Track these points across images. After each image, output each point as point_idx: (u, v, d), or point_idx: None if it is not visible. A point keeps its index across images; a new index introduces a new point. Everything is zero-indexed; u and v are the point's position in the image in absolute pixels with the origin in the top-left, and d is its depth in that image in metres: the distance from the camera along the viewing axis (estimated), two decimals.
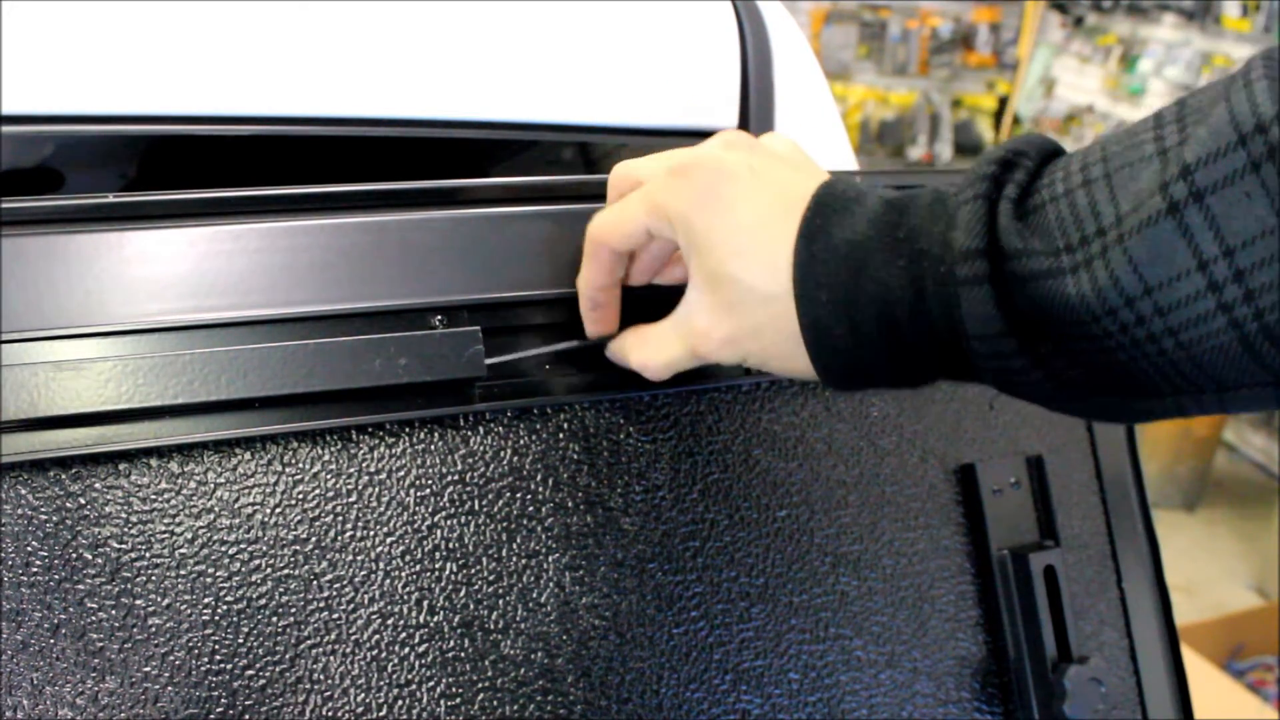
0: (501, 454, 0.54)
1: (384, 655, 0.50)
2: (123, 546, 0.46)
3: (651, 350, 0.53)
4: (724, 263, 0.48)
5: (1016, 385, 0.45)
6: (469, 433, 0.53)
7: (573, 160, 0.88)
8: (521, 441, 0.54)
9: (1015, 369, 0.44)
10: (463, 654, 0.52)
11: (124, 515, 0.46)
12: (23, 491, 0.45)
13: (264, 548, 0.48)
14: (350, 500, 0.51)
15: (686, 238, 0.49)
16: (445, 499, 0.53)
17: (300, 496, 0.50)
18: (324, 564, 0.50)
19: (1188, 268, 0.38)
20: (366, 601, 0.50)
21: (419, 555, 0.52)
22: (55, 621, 0.45)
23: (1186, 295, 0.39)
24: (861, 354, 0.46)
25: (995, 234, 0.43)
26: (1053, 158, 0.46)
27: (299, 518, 0.49)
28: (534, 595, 0.53)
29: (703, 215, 0.48)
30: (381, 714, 0.50)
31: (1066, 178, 0.43)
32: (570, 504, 0.55)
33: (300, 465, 0.50)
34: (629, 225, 0.51)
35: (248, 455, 0.49)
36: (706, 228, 0.48)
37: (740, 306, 0.48)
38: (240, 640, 0.47)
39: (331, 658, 0.49)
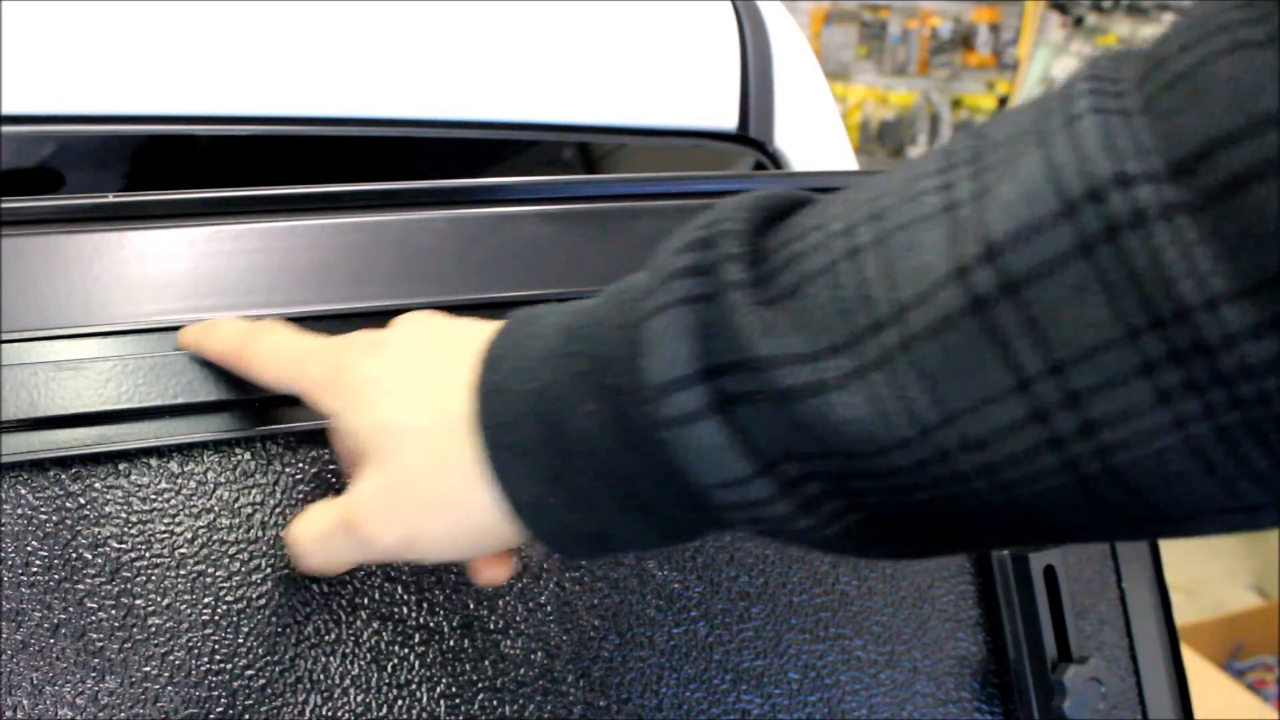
0: None
1: (384, 655, 0.50)
2: (123, 546, 0.46)
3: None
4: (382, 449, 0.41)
5: (786, 535, 0.34)
6: None
7: (572, 160, 0.88)
8: None
9: (778, 517, 0.33)
10: (463, 654, 0.52)
11: (124, 515, 0.46)
12: (23, 491, 0.45)
13: (264, 548, 0.48)
14: None
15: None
16: None
17: (300, 496, 0.50)
18: None
19: (1002, 389, 0.28)
20: (366, 601, 0.50)
21: None
22: (55, 621, 0.45)
23: (1002, 425, 0.28)
24: (600, 525, 0.36)
25: (725, 342, 0.31)
26: (789, 211, 0.34)
27: None
28: (534, 595, 0.53)
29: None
30: (381, 714, 0.50)
31: (826, 242, 0.31)
32: None
33: (300, 465, 0.50)
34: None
35: (248, 455, 0.49)
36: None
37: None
38: (240, 640, 0.47)
39: (331, 658, 0.49)
